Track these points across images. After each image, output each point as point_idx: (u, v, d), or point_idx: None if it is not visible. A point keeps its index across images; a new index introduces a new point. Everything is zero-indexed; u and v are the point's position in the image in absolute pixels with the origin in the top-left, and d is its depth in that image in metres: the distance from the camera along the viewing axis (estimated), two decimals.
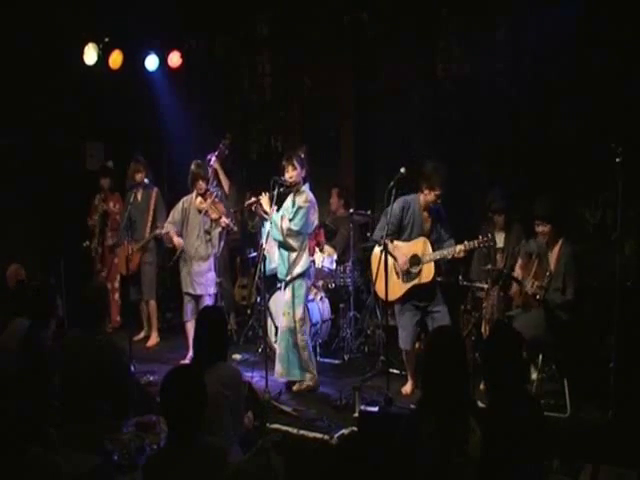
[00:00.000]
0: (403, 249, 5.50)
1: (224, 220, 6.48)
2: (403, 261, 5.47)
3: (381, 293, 5.46)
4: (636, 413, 4.86)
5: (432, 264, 5.39)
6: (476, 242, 5.22)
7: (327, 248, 7.01)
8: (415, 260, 5.46)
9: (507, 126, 6.92)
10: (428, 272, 5.40)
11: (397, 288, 5.50)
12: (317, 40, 7.99)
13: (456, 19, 7.30)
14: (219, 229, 6.57)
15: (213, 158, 7.11)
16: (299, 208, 5.68)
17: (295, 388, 5.86)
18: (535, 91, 6.75)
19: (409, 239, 5.51)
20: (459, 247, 5.26)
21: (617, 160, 4.84)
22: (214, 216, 6.51)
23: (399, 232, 5.52)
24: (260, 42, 8.60)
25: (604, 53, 6.20)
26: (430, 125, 7.44)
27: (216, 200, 6.61)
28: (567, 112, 6.54)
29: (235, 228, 6.72)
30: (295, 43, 8.19)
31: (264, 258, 5.65)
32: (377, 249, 5.59)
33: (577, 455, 4.16)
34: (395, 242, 5.50)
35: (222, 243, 6.70)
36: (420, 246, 5.46)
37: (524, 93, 6.80)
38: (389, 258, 5.34)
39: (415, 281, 5.46)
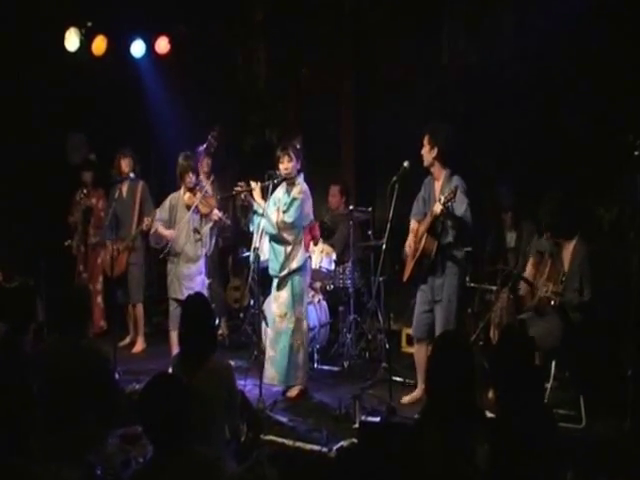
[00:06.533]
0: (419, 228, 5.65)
1: (216, 213, 6.39)
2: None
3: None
4: None
5: (427, 235, 5.46)
6: (445, 196, 5.24)
7: (325, 247, 7.01)
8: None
9: (517, 118, 6.91)
10: (424, 242, 5.49)
11: (409, 267, 5.68)
12: (316, 28, 7.98)
13: (461, 6, 7.30)
14: (210, 225, 6.44)
15: (201, 150, 7.09)
16: (293, 199, 5.75)
17: (289, 395, 5.89)
18: (546, 81, 6.73)
19: None
20: (435, 206, 5.30)
21: (635, 153, 4.85)
22: (204, 210, 6.40)
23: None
24: (255, 28, 8.60)
25: (622, 40, 6.18)
26: (434, 117, 7.43)
27: (206, 194, 6.52)
28: (581, 102, 6.53)
29: (228, 222, 6.66)
30: (292, 30, 8.18)
31: (257, 258, 5.67)
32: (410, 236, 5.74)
33: (592, 468, 4.17)
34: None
35: (213, 241, 6.60)
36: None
37: (534, 83, 6.79)
38: (412, 239, 5.60)
39: (417, 254, 5.56)
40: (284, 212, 5.74)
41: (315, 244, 6.80)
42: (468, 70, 7.30)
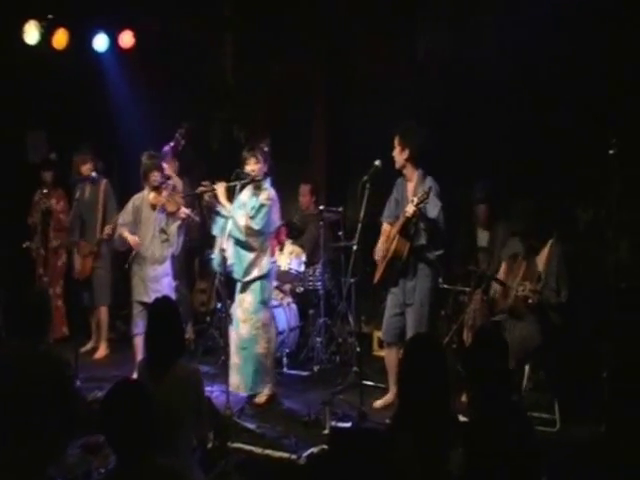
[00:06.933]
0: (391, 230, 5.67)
1: (184, 211, 6.34)
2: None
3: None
4: (631, 427, 4.90)
5: (399, 237, 5.46)
6: (418, 197, 5.25)
7: (295, 248, 6.99)
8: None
9: (495, 116, 6.94)
10: (396, 244, 5.50)
11: (380, 269, 5.69)
12: (287, 21, 7.96)
13: (439, 2, 7.32)
14: (177, 223, 6.37)
15: (168, 150, 7.04)
16: (261, 206, 5.73)
17: (257, 401, 5.88)
18: (527, 79, 6.76)
19: None
20: (408, 207, 5.31)
21: (610, 152, 4.88)
22: (172, 209, 6.34)
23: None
24: (222, 22, 8.55)
25: (602, 35, 6.23)
26: (410, 115, 7.44)
27: (173, 192, 6.48)
28: (561, 101, 6.57)
29: (197, 219, 6.59)
30: (261, 24, 8.14)
31: (224, 260, 5.63)
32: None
33: (567, 472, 4.20)
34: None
35: (181, 239, 6.52)
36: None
37: (514, 80, 6.82)
38: (383, 242, 5.63)
39: (388, 256, 5.57)
40: (251, 218, 5.71)
41: (280, 249, 6.79)
42: (445, 67, 7.33)
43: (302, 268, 6.99)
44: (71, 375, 4.80)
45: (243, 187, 5.86)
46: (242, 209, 5.79)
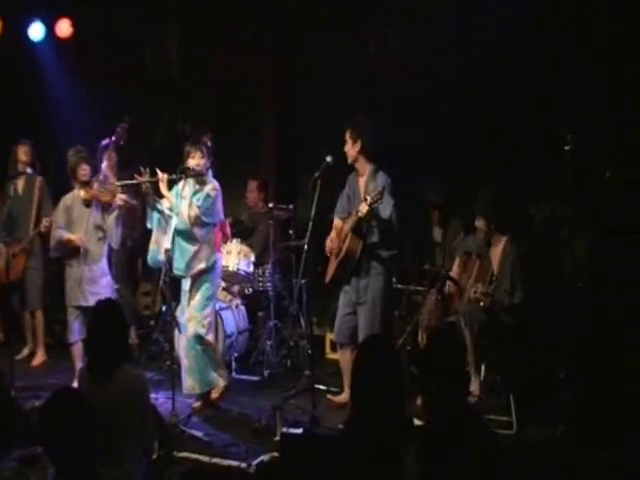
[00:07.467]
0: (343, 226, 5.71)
1: (120, 197, 6.22)
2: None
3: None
4: (589, 429, 4.99)
5: (352, 235, 5.51)
6: (371, 197, 5.27)
7: (243, 248, 6.96)
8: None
9: (448, 112, 7.02)
10: (348, 242, 5.55)
11: (331, 268, 5.74)
12: (233, 13, 7.93)
13: None
14: (114, 214, 6.23)
15: (108, 143, 6.93)
16: (207, 196, 5.72)
17: (213, 397, 5.87)
18: (480, 73, 6.85)
19: None
20: (361, 206, 5.33)
21: (566, 148, 4.96)
22: (107, 198, 6.22)
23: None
24: (166, 12, 8.48)
25: (557, 31, 6.35)
26: (362, 110, 7.47)
27: (105, 181, 6.37)
28: (516, 96, 6.67)
29: (134, 202, 6.45)
30: (207, 15, 8.09)
31: (169, 260, 5.58)
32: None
33: (525, 475, 4.25)
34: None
35: (119, 230, 6.34)
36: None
37: (466, 77, 6.90)
38: (334, 237, 5.70)
39: (341, 255, 5.61)
40: (198, 208, 5.69)
41: (225, 242, 6.75)
42: (397, 63, 7.38)
43: (251, 269, 6.96)
44: (5, 384, 4.71)
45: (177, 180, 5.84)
46: (185, 200, 5.76)
